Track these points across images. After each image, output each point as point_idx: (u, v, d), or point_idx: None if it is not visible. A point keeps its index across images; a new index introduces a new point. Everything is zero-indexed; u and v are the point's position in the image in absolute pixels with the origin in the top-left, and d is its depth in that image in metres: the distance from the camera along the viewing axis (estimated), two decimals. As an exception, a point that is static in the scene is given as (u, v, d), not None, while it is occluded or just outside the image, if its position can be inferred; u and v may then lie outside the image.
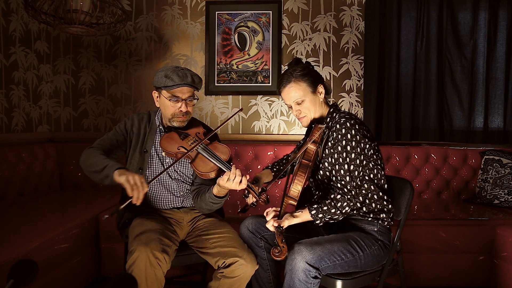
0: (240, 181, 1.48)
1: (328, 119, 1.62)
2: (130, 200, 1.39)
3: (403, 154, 3.00)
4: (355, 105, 3.15)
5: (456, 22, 3.01)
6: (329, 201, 1.48)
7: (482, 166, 2.88)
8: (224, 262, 1.55)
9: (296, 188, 1.48)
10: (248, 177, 1.52)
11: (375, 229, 1.58)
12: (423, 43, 3.01)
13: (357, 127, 1.51)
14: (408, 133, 3.05)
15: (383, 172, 1.61)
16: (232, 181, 1.48)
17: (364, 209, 1.56)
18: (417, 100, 3.06)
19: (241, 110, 1.79)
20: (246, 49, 3.14)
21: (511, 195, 2.66)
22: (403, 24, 3.03)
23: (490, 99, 3.02)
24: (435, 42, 2.98)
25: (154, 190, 1.78)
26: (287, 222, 1.47)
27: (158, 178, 1.76)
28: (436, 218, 2.40)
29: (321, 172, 1.59)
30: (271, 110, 3.17)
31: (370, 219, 1.58)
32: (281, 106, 3.16)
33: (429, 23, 2.99)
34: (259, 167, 2.97)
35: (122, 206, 1.37)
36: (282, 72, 3.11)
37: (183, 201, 1.81)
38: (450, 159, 2.99)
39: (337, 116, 1.58)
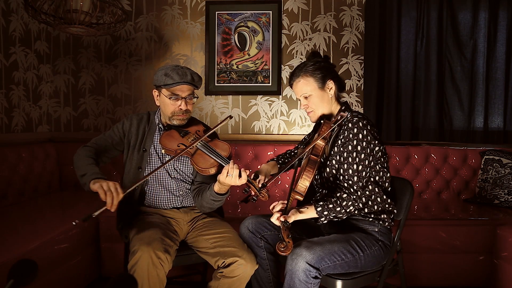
0: (240, 176, 1.48)
1: (339, 117, 1.61)
2: (104, 207, 1.39)
3: (403, 154, 3.00)
4: (355, 105, 3.15)
5: (456, 22, 3.01)
6: (335, 199, 1.48)
7: (482, 166, 2.88)
8: (224, 262, 1.55)
9: (304, 183, 1.47)
10: (248, 172, 1.52)
11: (376, 230, 1.58)
12: (423, 43, 3.01)
13: (368, 127, 1.51)
14: (408, 133, 3.05)
15: (388, 175, 1.61)
16: (232, 175, 1.48)
17: (366, 210, 1.56)
18: (417, 100, 3.06)
19: (230, 117, 1.75)
20: (246, 49, 3.14)
21: (511, 195, 2.66)
22: (403, 24, 3.03)
23: (490, 99, 3.02)
24: (435, 42, 2.98)
25: (154, 189, 1.78)
26: (293, 217, 1.46)
27: (158, 177, 1.76)
28: (436, 218, 2.40)
29: (327, 169, 1.59)
30: (271, 110, 3.17)
31: (371, 219, 1.58)
32: (281, 106, 3.16)
33: (429, 23, 2.99)
34: (259, 167, 2.94)
35: (96, 213, 1.35)
36: (282, 71, 3.12)
37: (182, 200, 1.81)
38: (450, 159, 3.00)
39: (349, 115, 1.58)
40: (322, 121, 1.62)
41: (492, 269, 2.28)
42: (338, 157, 1.55)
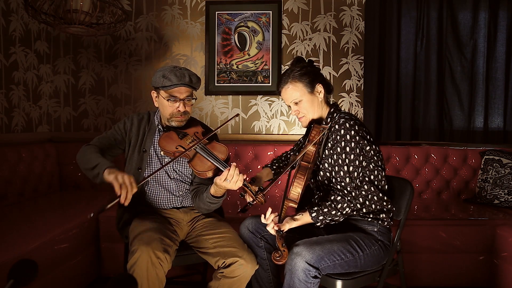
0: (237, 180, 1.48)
1: (329, 120, 1.61)
2: (117, 200, 1.38)
3: (403, 154, 3.00)
4: (355, 105, 3.15)
5: (456, 22, 3.01)
6: (329, 203, 1.48)
7: (482, 166, 2.88)
8: (224, 262, 1.55)
9: (296, 190, 1.47)
10: (245, 176, 1.52)
11: (375, 229, 1.58)
12: (423, 43, 3.01)
13: (356, 128, 1.50)
14: (408, 133, 3.05)
15: (383, 173, 1.61)
16: (229, 181, 1.48)
17: (364, 210, 1.56)
18: (417, 100, 3.06)
19: (237, 115, 1.77)
20: (246, 49, 3.14)
21: (511, 195, 2.66)
22: (403, 24, 3.03)
23: (490, 99, 3.02)
24: (435, 42, 2.98)
25: (153, 190, 1.78)
26: (287, 226, 1.47)
27: (157, 178, 1.76)
28: (436, 218, 2.40)
29: (321, 173, 1.60)
30: (271, 110, 3.17)
31: (370, 219, 1.58)
32: (281, 106, 3.16)
33: (429, 23, 2.99)
34: (259, 167, 2.97)
35: (109, 205, 1.34)
36: (282, 72, 3.12)
37: (182, 201, 1.81)
38: (450, 159, 3.00)
39: (336, 117, 1.58)
40: (312, 125, 1.61)
41: (492, 269, 2.28)
42: (329, 160, 1.55)
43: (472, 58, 3.01)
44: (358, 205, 1.50)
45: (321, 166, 1.59)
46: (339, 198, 1.48)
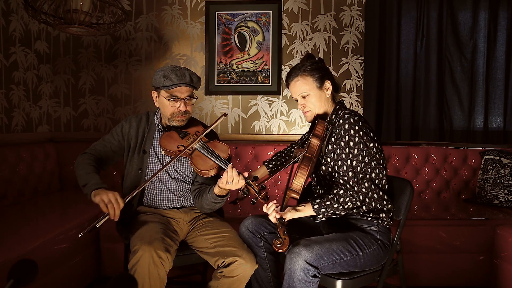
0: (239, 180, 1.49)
1: (333, 116, 1.62)
2: (107, 217, 1.44)
3: (403, 154, 3.00)
4: (355, 105, 3.15)
5: (456, 22, 3.01)
6: (331, 196, 1.48)
7: (482, 166, 2.88)
8: (224, 261, 1.55)
9: (299, 181, 1.47)
10: (247, 174, 1.52)
11: (375, 229, 1.58)
12: (423, 43, 3.01)
13: (360, 123, 1.51)
14: (408, 133, 3.05)
15: (384, 172, 1.61)
16: (231, 183, 1.49)
17: (364, 208, 1.56)
18: (417, 100, 3.06)
19: (225, 115, 1.73)
20: (246, 49, 3.14)
21: (511, 195, 2.66)
22: (403, 24, 3.03)
23: (490, 99, 3.02)
24: (435, 42, 2.98)
25: (154, 190, 1.78)
26: (289, 215, 1.47)
27: (158, 178, 1.76)
28: (436, 218, 2.40)
29: (323, 167, 1.60)
30: (271, 110, 3.17)
31: (370, 218, 1.58)
32: (281, 106, 3.16)
33: (429, 23, 3.00)
34: (259, 167, 2.96)
35: (99, 223, 1.41)
36: (283, 71, 3.12)
37: (182, 200, 1.81)
38: (450, 159, 3.00)
39: (341, 113, 1.59)
40: (316, 121, 1.62)
41: (492, 269, 2.28)
42: (332, 155, 1.56)
43: (472, 58, 3.01)
44: (359, 202, 1.50)
45: (323, 161, 1.60)
46: (341, 192, 1.48)
